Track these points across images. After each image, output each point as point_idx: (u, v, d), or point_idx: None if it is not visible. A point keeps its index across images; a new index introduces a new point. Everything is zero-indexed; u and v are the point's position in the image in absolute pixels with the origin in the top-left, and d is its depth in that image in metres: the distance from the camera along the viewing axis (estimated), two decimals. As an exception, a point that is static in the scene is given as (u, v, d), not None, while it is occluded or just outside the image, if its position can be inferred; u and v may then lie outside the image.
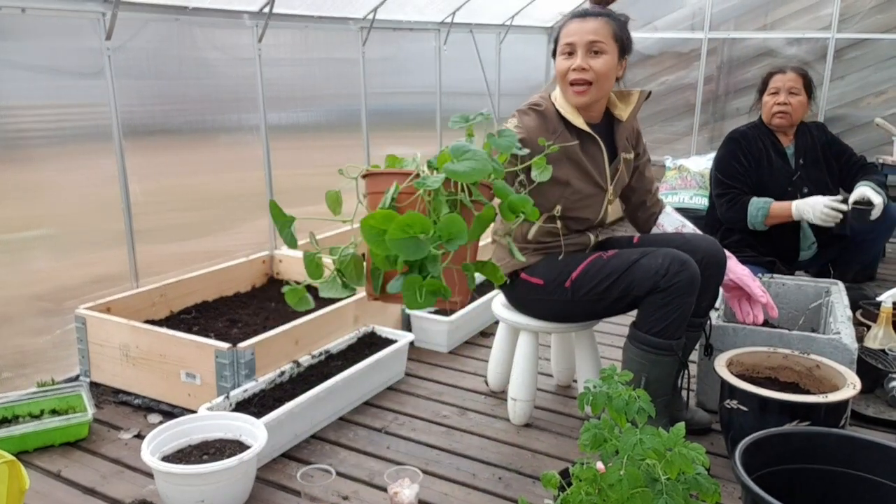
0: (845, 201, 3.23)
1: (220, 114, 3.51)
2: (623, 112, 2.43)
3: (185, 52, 3.29)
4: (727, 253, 2.41)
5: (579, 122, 2.33)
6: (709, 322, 2.48)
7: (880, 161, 4.69)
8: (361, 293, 3.15)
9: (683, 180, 5.07)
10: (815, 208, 3.20)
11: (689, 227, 2.58)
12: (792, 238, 3.47)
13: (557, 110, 2.35)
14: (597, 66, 2.27)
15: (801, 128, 3.54)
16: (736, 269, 2.41)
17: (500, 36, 5.68)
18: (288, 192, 3.91)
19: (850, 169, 3.55)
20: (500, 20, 5.59)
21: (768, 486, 1.54)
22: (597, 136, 2.37)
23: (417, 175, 1.56)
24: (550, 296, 2.41)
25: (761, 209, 3.33)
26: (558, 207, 2.36)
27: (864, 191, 3.27)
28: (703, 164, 5.22)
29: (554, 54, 2.38)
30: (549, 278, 2.39)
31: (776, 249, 3.45)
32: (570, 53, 2.29)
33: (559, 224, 2.39)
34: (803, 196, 3.44)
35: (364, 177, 1.70)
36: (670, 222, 2.60)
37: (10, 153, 2.69)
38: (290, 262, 3.71)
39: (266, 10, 3.53)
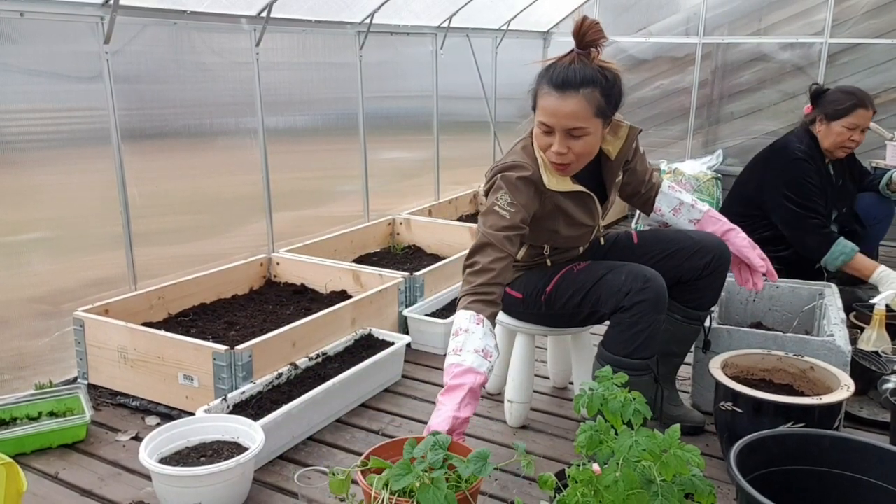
0: None
1: (218, 117, 3.52)
2: (613, 148, 2.29)
3: (183, 56, 3.30)
4: (731, 224, 2.46)
5: (564, 186, 2.22)
6: (710, 318, 2.48)
7: (873, 164, 4.72)
8: (357, 297, 3.17)
9: (678, 184, 5.08)
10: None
11: (688, 201, 2.51)
12: (816, 268, 3.44)
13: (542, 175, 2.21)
14: (577, 148, 2.11)
15: None
16: (736, 240, 2.43)
17: (497, 40, 5.70)
18: (286, 196, 3.93)
19: (865, 179, 3.63)
20: (497, 25, 5.61)
21: (763, 488, 1.55)
22: (586, 191, 2.27)
23: None
24: (529, 309, 2.45)
25: (846, 254, 3.14)
26: (546, 247, 2.37)
27: None
28: (697, 167, 5.25)
29: (533, 108, 2.18)
30: (527, 292, 2.41)
31: (795, 271, 3.28)
32: (548, 133, 2.13)
33: (546, 250, 2.39)
34: (840, 213, 3.44)
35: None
36: (668, 203, 2.53)
37: (8, 156, 2.70)
38: (288, 265, 3.72)
39: (264, 14, 3.54)
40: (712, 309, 2.51)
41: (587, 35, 2.08)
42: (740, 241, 2.45)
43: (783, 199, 3.26)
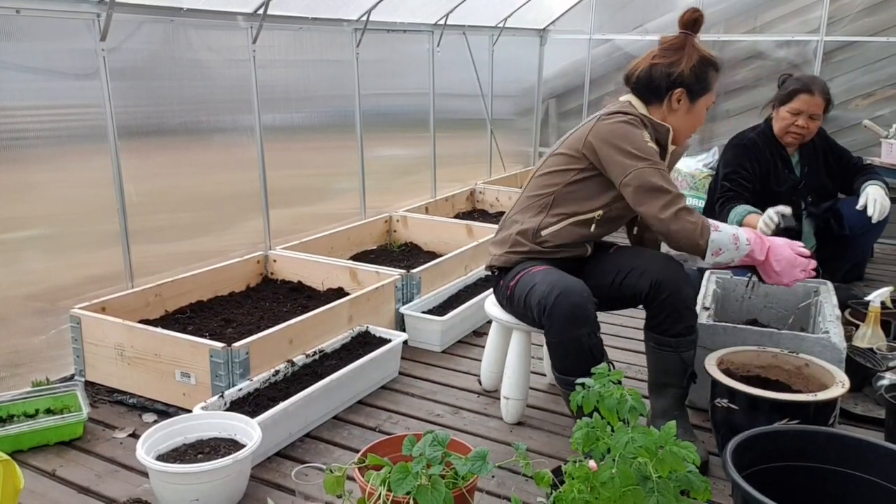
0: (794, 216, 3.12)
1: (215, 115, 3.52)
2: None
3: (179, 53, 3.30)
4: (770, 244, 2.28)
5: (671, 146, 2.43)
6: (692, 348, 2.35)
7: (867, 162, 4.73)
8: (354, 294, 3.17)
9: (674, 181, 5.10)
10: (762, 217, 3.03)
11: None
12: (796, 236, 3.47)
13: (656, 131, 2.36)
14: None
15: None
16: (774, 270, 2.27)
17: (493, 38, 5.71)
18: (282, 193, 3.93)
19: (849, 171, 3.57)
20: (493, 22, 5.61)
21: (758, 484, 1.56)
22: (667, 159, 2.42)
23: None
24: (502, 300, 2.48)
25: (736, 217, 3.16)
26: (599, 212, 2.35)
27: (870, 192, 3.30)
28: (693, 165, 5.25)
29: (695, 96, 2.37)
30: (505, 282, 2.43)
31: None
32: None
33: (593, 228, 2.37)
34: (808, 204, 3.46)
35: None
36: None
37: (5, 154, 2.69)
38: (285, 262, 3.72)
39: (260, 11, 3.54)
40: (706, 307, 2.49)
41: (701, 24, 2.37)
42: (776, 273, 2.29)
43: (718, 183, 3.48)
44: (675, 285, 2.25)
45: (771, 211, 3.01)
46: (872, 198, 3.29)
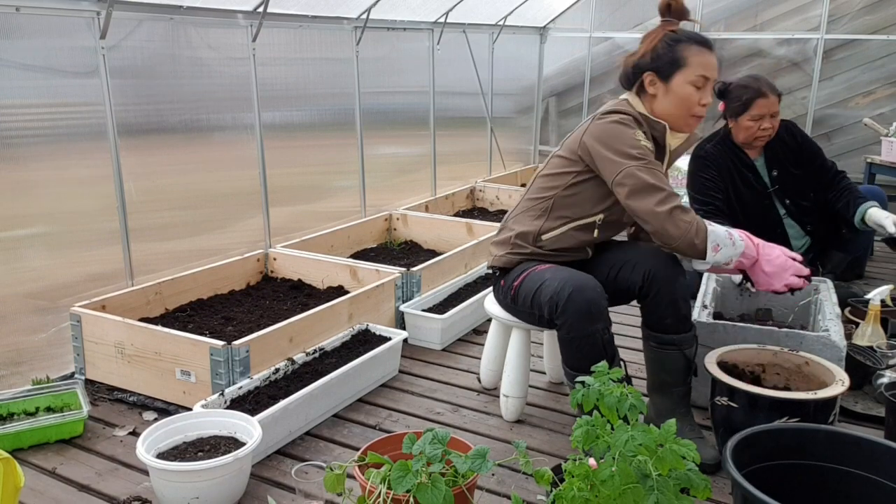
0: None
1: (215, 113, 3.52)
2: (673, 142, 2.36)
3: (179, 51, 3.30)
4: (761, 248, 2.23)
5: (675, 142, 2.33)
6: (696, 343, 2.37)
7: (868, 160, 4.73)
8: (354, 293, 3.17)
9: (675, 180, 5.09)
10: None
11: None
12: (782, 242, 3.45)
13: (652, 128, 2.30)
14: (710, 101, 2.29)
15: None
16: (760, 277, 2.22)
17: (493, 36, 5.70)
18: (282, 191, 3.93)
19: (824, 177, 3.38)
20: (493, 20, 5.61)
21: (758, 482, 1.56)
22: (667, 157, 2.34)
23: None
24: (504, 299, 2.47)
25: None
26: (601, 216, 2.32)
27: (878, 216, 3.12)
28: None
29: (665, 75, 2.26)
30: (507, 282, 2.42)
31: None
32: (700, 87, 2.24)
33: (595, 233, 2.34)
34: (786, 208, 3.40)
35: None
36: None
37: (5, 152, 2.69)
38: (285, 260, 3.72)
39: (260, 9, 3.54)
40: (705, 304, 2.48)
41: (684, 11, 2.36)
42: (764, 278, 2.23)
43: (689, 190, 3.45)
44: (668, 275, 2.25)
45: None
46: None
